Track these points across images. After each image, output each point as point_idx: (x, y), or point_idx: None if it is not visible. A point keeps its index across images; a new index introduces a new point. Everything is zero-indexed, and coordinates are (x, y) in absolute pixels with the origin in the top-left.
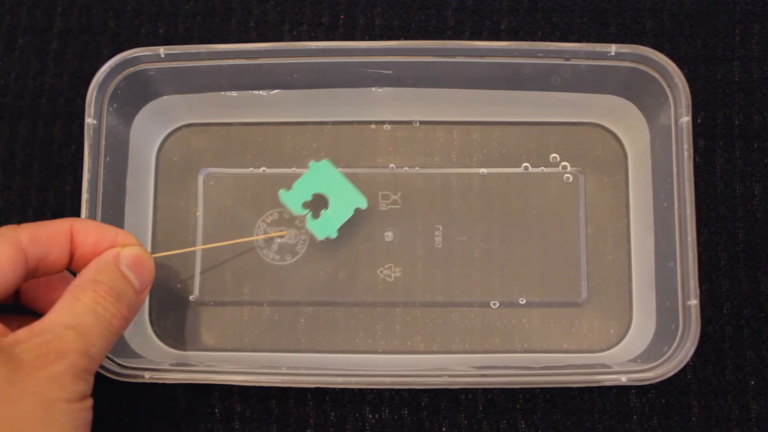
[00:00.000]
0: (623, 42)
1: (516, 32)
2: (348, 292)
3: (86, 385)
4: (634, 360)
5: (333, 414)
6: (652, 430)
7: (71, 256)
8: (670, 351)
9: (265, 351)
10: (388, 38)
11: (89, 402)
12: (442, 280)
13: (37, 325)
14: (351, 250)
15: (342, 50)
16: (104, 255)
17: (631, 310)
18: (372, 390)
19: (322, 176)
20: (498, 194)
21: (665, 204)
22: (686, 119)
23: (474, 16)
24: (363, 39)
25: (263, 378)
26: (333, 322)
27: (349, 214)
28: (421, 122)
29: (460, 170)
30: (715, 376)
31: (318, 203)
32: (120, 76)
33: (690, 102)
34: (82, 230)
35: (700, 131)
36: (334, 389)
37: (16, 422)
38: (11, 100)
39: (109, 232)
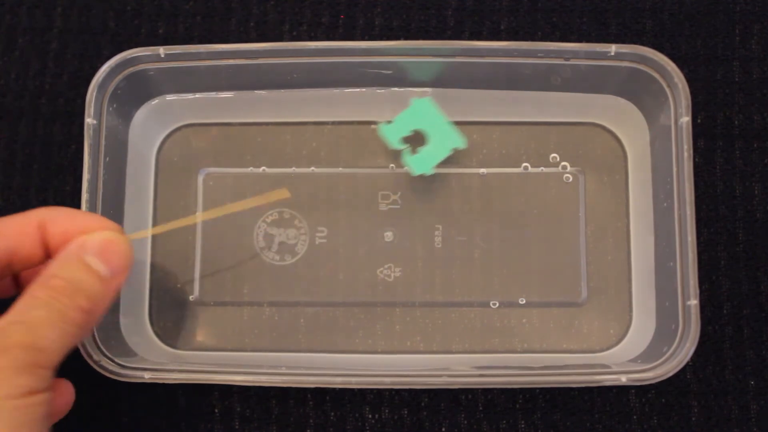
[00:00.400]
0: (623, 42)
1: (516, 32)
2: (348, 292)
3: (35, 380)
4: (634, 360)
5: (333, 414)
6: (652, 430)
7: (46, 248)
8: (670, 351)
9: (265, 351)
10: (388, 38)
11: (41, 397)
12: (442, 280)
13: None
14: (351, 250)
15: (342, 50)
16: (68, 246)
17: (631, 310)
18: (372, 390)
19: (422, 113)
20: (498, 194)
21: (665, 204)
22: (686, 119)
23: (474, 16)
24: (363, 39)
25: (263, 378)
26: (333, 322)
27: (447, 152)
28: None
29: (460, 170)
30: (715, 376)
31: (417, 140)
32: (120, 76)
33: (690, 102)
34: (53, 220)
35: (700, 131)
36: (334, 389)
37: None
38: (11, 100)
39: (80, 218)
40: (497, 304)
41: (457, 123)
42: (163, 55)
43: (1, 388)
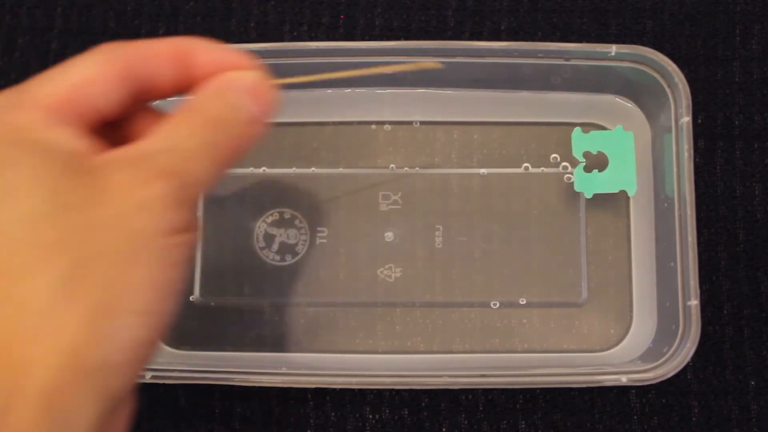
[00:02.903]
0: (623, 42)
1: (516, 32)
2: (348, 292)
3: (185, 216)
4: (634, 360)
5: (333, 414)
6: (652, 431)
7: (187, 79)
8: (671, 351)
9: (265, 351)
10: (389, 38)
11: (188, 237)
12: (442, 280)
13: (128, 148)
14: (351, 250)
15: (342, 50)
16: (216, 79)
17: (631, 310)
18: (372, 390)
19: (618, 143)
20: (498, 194)
21: (665, 204)
22: (686, 119)
23: (474, 17)
24: (363, 39)
25: (263, 378)
26: (333, 322)
27: (614, 190)
28: (422, 123)
29: (461, 170)
30: (716, 376)
31: (597, 160)
32: None
33: (690, 102)
34: (202, 51)
35: (700, 131)
36: (335, 389)
37: (102, 256)
38: None
39: (231, 55)
40: (498, 305)
41: (458, 123)
42: None
43: (151, 222)
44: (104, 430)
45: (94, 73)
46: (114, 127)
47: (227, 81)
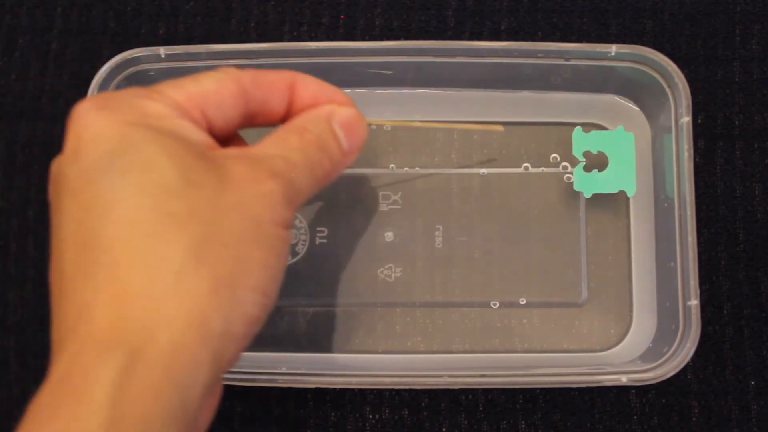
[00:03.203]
0: (623, 42)
1: (516, 32)
2: (348, 292)
3: (291, 216)
4: (634, 360)
5: (333, 414)
6: (652, 431)
7: (288, 108)
8: (670, 351)
9: (266, 351)
10: (389, 38)
11: (290, 235)
12: (442, 280)
13: (244, 148)
14: (351, 250)
15: (342, 50)
16: (318, 108)
17: (631, 310)
18: (372, 390)
19: (619, 144)
20: (498, 194)
21: (665, 204)
22: (686, 119)
23: (474, 17)
24: (363, 39)
25: (263, 378)
26: (333, 322)
27: (613, 190)
28: (421, 122)
29: (461, 170)
30: (715, 376)
31: (597, 160)
32: (120, 77)
33: (690, 102)
34: (303, 83)
35: (700, 131)
36: (335, 389)
37: (226, 233)
38: (11, 100)
39: (329, 90)
40: (497, 305)
41: (457, 123)
42: (163, 56)
43: (267, 212)
44: (202, 407)
45: (219, 87)
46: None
47: (332, 112)
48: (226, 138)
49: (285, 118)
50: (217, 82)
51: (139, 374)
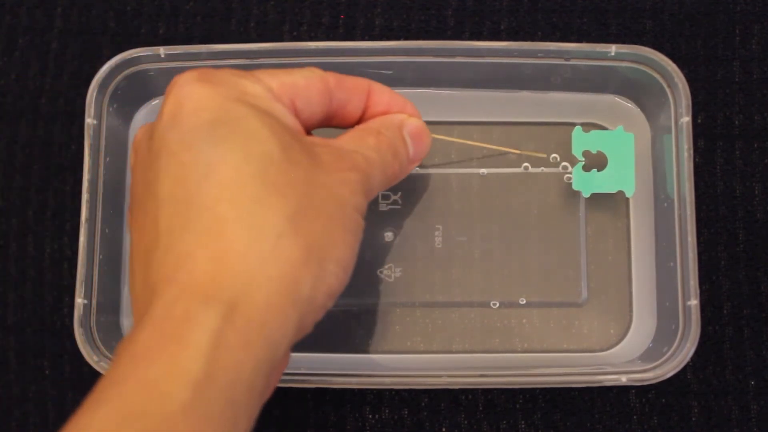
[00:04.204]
0: (623, 42)
1: (516, 32)
2: (348, 292)
3: (365, 206)
4: (634, 360)
5: (333, 414)
6: (652, 431)
7: (363, 113)
8: (670, 351)
9: None
10: (388, 38)
11: (364, 224)
12: (442, 280)
13: (330, 140)
14: None
15: (342, 50)
16: (391, 116)
17: (631, 310)
18: (372, 390)
19: (618, 143)
20: (498, 194)
21: (665, 204)
22: (686, 119)
23: (474, 17)
24: (363, 39)
25: None
26: (333, 322)
27: (612, 190)
28: None
29: (460, 170)
30: (715, 376)
31: (596, 160)
32: (120, 77)
33: (690, 102)
34: (378, 91)
35: (700, 131)
36: (334, 389)
37: (318, 208)
38: (11, 100)
39: (401, 100)
40: (497, 304)
41: (458, 123)
42: (163, 56)
43: (349, 196)
44: (280, 366)
45: (308, 81)
46: None
47: (403, 120)
48: (306, 133)
49: (359, 122)
50: (307, 78)
51: (236, 326)
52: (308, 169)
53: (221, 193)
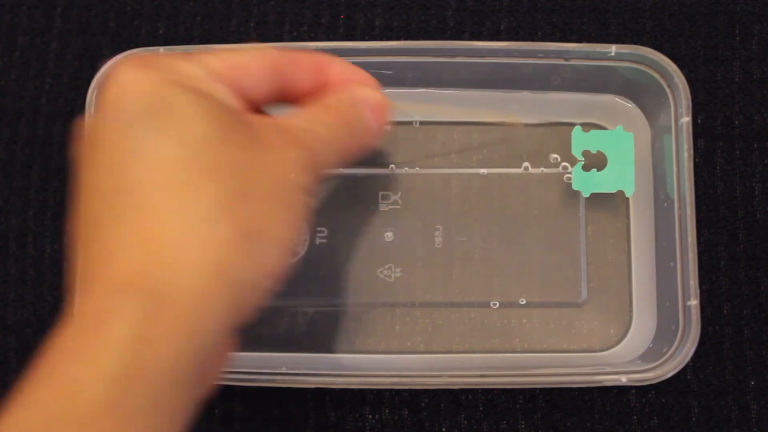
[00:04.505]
0: (623, 42)
1: (516, 32)
2: (348, 292)
3: (312, 184)
4: (634, 360)
5: (333, 414)
6: (652, 431)
7: (318, 88)
8: (670, 351)
9: (266, 351)
10: (388, 38)
11: (310, 202)
12: (442, 280)
13: (274, 117)
14: (351, 250)
15: (342, 50)
16: (347, 90)
17: (631, 310)
18: (372, 390)
19: (618, 143)
20: (498, 194)
21: (665, 204)
22: (686, 119)
23: (474, 17)
24: (363, 39)
25: (263, 378)
26: (333, 322)
27: (612, 190)
28: (421, 122)
29: (460, 170)
30: (715, 376)
31: (596, 159)
32: None
33: (690, 102)
34: (333, 65)
35: (700, 131)
36: (334, 390)
37: (254, 189)
38: (11, 100)
39: (360, 73)
40: (497, 305)
41: (458, 123)
42: None
43: (291, 175)
44: (217, 354)
45: (253, 58)
46: None
47: (358, 93)
48: (255, 110)
49: (316, 96)
50: (252, 55)
51: (161, 317)
52: (247, 149)
53: (151, 178)
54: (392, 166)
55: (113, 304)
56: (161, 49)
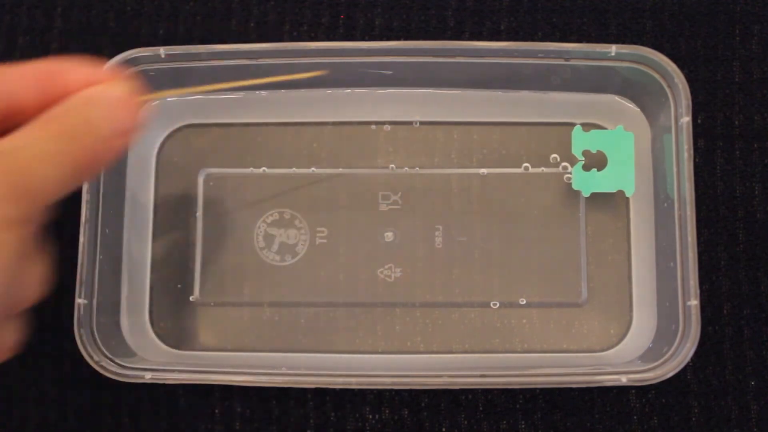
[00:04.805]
0: (623, 42)
1: (516, 32)
2: (348, 292)
3: (25, 213)
4: (634, 360)
5: (333, 414)
6: (652, 431)
7: (56, 99)
8: (670, 351)
9: (266, 351)
10: (388, 38)
11: (22, 231)
12: (442, 280)
13: None
14: (351, 250)
15: (342, 51)
16: (77, 95)
17: (631, 310)
18: (372, 390)
19: (619, 143)
20: (498, 194)
21: (665, 204)
22: (686, 119)
23: (474, 17)
24: (363, 39)
25: (263, 378)
26: (333, 322)
27: (612, 189)
28: (421, 123)
29: (460, 170)
30: (715, 376)
31: (596, 159)
32: None
33: (690, 102)
34: (69, 69)
35: (700, 131)
36: (335, 390)
37: None
38: None
39: (99, 73)
40: (497, 305)
41: (457, 123)
42: (163, 56)
43: None
44: None
45: None
46: None
47: (86, 97)
48: None
49: (46, 108)
50: None
51: None
52: None
53: None
54: (392, 166)
55: None
56: (161, 49)
